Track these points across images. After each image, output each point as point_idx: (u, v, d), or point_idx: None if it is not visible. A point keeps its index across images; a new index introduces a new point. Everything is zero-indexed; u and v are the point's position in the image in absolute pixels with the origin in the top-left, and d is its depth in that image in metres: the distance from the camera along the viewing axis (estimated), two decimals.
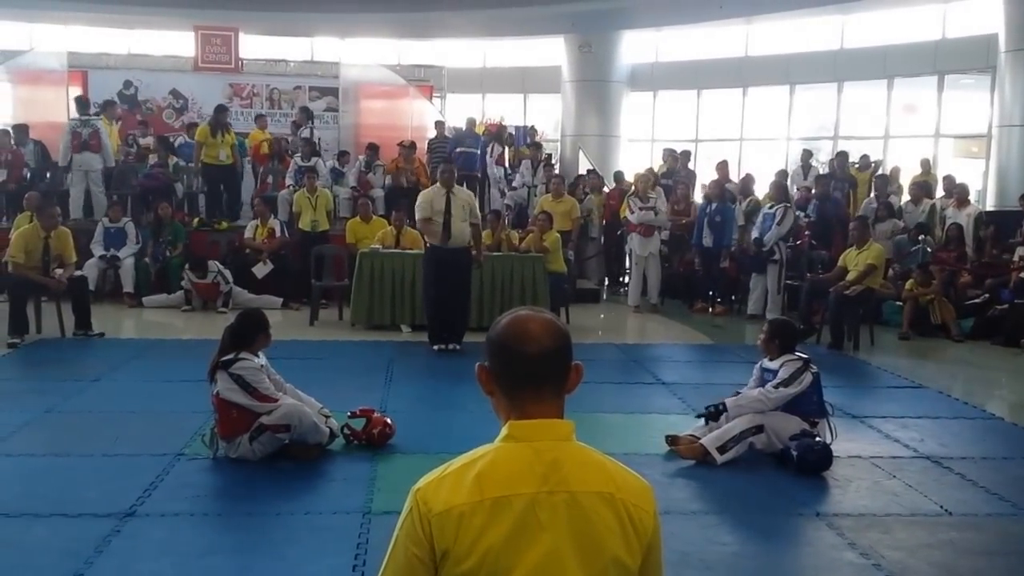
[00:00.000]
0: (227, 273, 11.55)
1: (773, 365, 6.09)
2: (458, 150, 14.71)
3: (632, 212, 12.23)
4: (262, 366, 5.66)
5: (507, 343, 1.89)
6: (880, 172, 15.27)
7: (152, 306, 11.49)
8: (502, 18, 20.40)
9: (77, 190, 13.11)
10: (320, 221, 12.19)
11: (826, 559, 4.51)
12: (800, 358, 6.05)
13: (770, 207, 11.70)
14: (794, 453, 5.71)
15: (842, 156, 14.81)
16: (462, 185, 10.51)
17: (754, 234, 11.64)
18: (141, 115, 16.32)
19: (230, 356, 5.57)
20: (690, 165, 15.69)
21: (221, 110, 13.71)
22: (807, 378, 5.95)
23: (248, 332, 5.69)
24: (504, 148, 16.28)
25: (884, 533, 4.79)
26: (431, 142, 15.50)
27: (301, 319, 10.81)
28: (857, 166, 15.16)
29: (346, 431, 5.92)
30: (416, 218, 9.42)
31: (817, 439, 5.84)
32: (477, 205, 9.48)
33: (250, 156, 14.63)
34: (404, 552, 1.80)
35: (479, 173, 15.11)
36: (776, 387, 5.93)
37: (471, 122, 16.32)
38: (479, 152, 15.32)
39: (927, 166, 15.16)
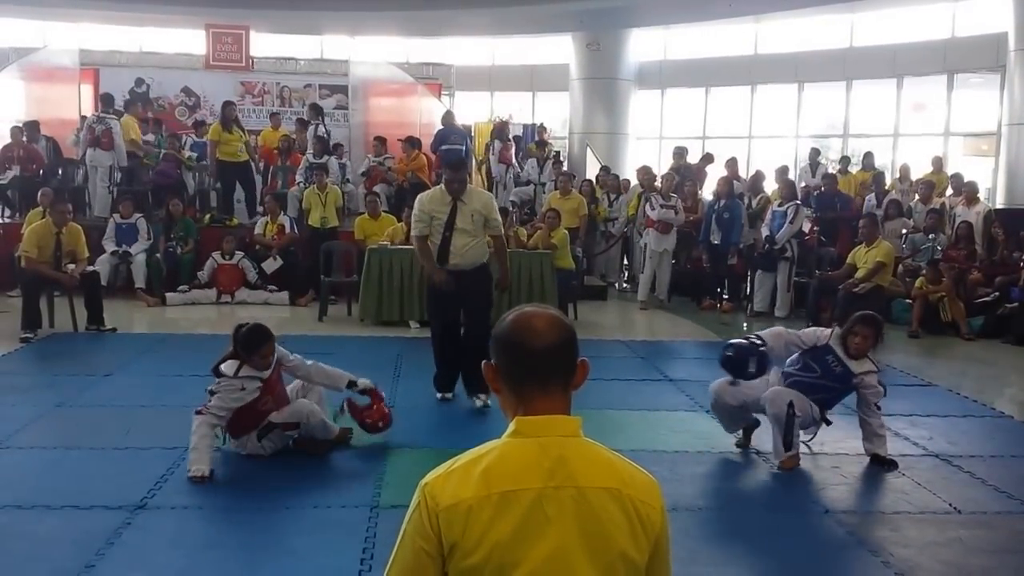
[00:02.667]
0: (250, 263, 11.73)
1: (858, 368, 5.89)
2: (443, 147, 14.64)
3: (653, 209, 12.25)
4: (251, 384, 5.45)
5: (512, 339, 1.90)
6: (879, 170, 15.28)
7: (176, 303, 11.50)
8: (510, 16, 20.42)
9: (93, 186, 13.33)
10: (329, 217, 12.25)
11: (835, 556, 4.53)
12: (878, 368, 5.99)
13: (779, 204, 11.72)
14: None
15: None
16: None
17: (765, 232, 11.65)
18: (152, 112, 16.43)
19: (224, 366, 5.49)
20: (708, 169, 15.72)
21: (228, 105, 13.81)
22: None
23: (240, 347, 5.52)
24: (507, 144, 16.17)
25: (893, 531, 4.80)
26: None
27: (310, 314, 10.87)
28: (860, 166, 15.20)
29: (345, 405, 5.89)
30: (411, 233, 7.51)
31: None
32: (496, 211, 6.96)
33: (260, 155, 14.69)
34: (412, 546, 1.82)
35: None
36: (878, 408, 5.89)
37: (450, 116, 15.63)
38: (464, 149, 15.24)
39: (938, 164, 15.13)
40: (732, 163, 14.23)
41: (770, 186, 13.54)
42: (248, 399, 5.41)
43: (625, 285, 14.32)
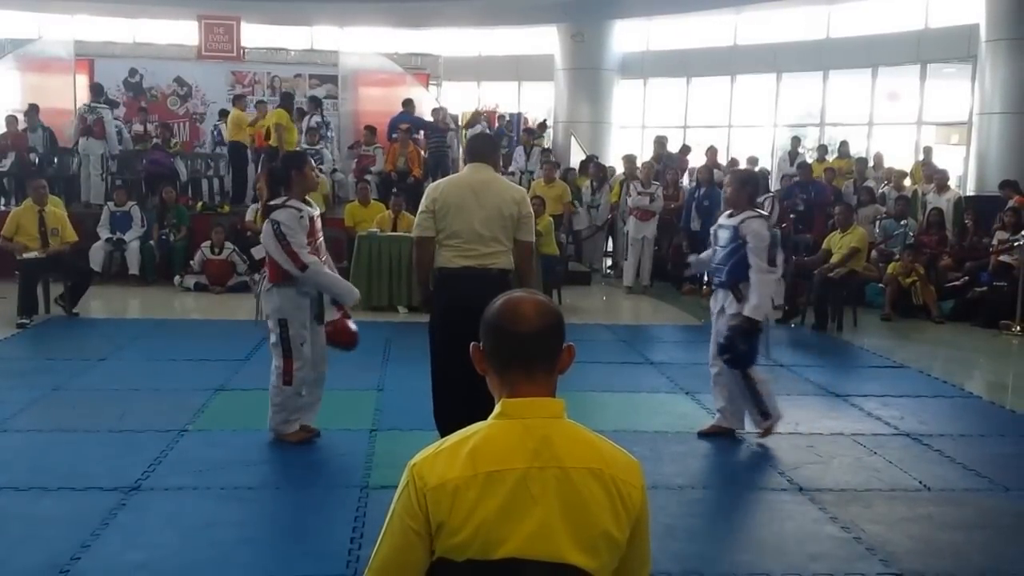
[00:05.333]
0: (239, 256, 11.76)
1: (731, 221, 5.79)
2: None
3: (630, 196, 12.49)
4: (310, 217, 5.47)
5: (499, 323, 1.93)
6: (858, 157, 15.49)
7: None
8: (497, 7, 20.54)
9: (86, 174, 13.52)
10: (315, 204, 12.29)
11: (808, 532, 4.58)
12: (760, 215, 5.82)
13: None
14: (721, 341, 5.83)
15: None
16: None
17: None
18: (145, 102, 16.54)
19: (278, 201, 5.40)
20: (688, 157, 15.89)
21: (289, 96, 14.11)
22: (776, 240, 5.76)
23: (282, 174, 5.52)
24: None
25: (865, 507, 4.88)
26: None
27: None
28: (836, 154, 15.39)
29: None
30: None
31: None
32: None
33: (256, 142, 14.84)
34: (400, 525, 1.86)
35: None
36: (765, 269, 5.65)
37: (410, 104, 15.59)
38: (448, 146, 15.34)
39: (929, 154, 15.30)
40: (711, 151, 14.43)
41: None
42: (306, 227, 5.36)
43: (609, 271, 14.48)
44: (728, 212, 5.92)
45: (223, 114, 15.56)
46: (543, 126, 18.34)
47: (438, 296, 5.14)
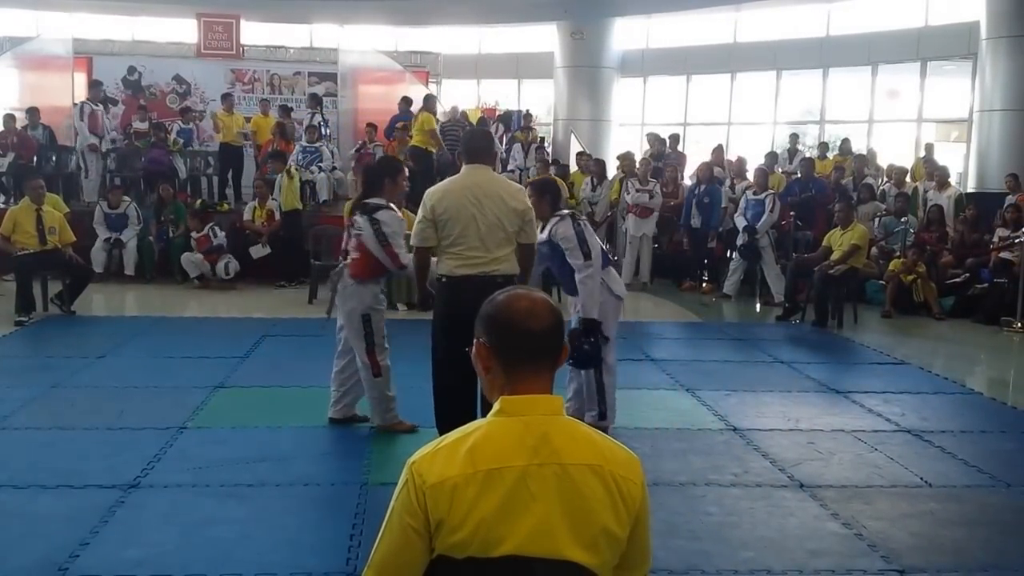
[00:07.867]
0: (217, 230, 11.81)
1: (544, 234, 5.62)
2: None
3: (629, 193, 12.48)
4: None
5: (512, 320, 1.93)
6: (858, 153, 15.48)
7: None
8: (497, 5, 20.52)
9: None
10: (285, 202, 12.26)
11: (810, 529, 4.58)
12: (562, 216, 5.69)
13: (753, 193, 11.83)
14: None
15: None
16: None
17: (741, 221, 11.73)
18: (144, 99, 16.56)
19: (380, 202, 5.60)
20: (679, 147, 15.85)
21: (430, 97, 14.04)
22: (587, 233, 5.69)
23: (377, 177, 5.74)
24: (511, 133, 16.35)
25: (866, 504, 4.88)
26: (443, 125, 15.45)
27: (300, 297, 10.91)
28: (837, 152, 15.37)
29: None
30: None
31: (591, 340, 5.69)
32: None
33: (253, 140, 14.86)
34: (399, 522, 1.87)
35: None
36: (583, 266, 5.56)
37: (406, 102, 15.58)
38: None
39: (930, 151, 15.31)
40: (718, 151, 14.43)
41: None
42: (404, 227, 5.62)
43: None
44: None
45: (185, 112, 15.62)
46: (528, 117, 18.29)
47: (441, 304, 5.02)
